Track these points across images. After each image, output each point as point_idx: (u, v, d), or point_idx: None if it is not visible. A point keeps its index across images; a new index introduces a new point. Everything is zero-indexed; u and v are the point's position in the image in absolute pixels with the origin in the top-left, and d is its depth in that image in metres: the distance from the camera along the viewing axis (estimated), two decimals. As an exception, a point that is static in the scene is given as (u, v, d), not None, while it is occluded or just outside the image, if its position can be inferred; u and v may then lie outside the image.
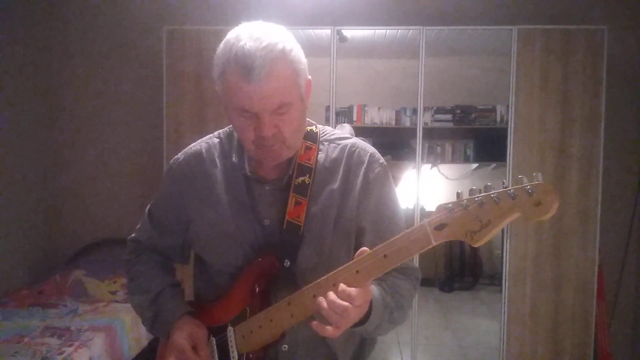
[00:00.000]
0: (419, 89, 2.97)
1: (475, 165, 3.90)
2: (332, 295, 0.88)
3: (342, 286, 0.88)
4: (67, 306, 2.86)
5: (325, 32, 2.99)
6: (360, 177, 1.08)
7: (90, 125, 3.54)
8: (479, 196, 0.80)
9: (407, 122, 3.64)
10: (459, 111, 3.60)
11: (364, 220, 1.08)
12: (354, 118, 3.63)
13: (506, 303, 2.91)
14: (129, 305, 3.09)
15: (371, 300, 0.94)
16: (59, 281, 3.08)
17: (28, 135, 3.31)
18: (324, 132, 1.14)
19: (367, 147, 1.13)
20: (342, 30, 3.08)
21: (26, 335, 2.44)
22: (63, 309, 2.82)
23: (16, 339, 2.39)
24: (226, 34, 0.98)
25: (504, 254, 2.92)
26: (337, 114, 3.24)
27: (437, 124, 3.59)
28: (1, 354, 2.24)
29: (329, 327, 0.89)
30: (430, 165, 3.96)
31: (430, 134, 3.66)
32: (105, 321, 2.66)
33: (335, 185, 1.07)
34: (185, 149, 1.20)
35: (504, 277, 2.92)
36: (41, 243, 3.45)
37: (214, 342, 1.09)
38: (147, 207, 1.25)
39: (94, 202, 3.55)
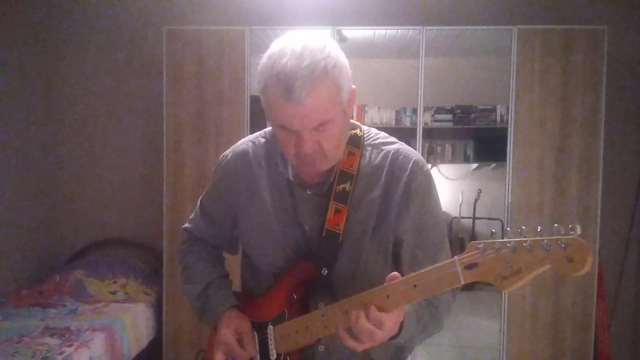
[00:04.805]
0: (419, 89, 2.97)
1: (475, 165, 3.90)
2: (362, 319, 0.90)
3: (373, 310, 0.90)
4: (67, 306, 2.86)
5: (325, 32, 2.99)
6: (402, 186, 1.05)
7: (90, 125, 3.54)
8: (511, 241, 0.78)
9: (407, 122, 3.63)
10: (459, 111, 3.59)
11: (402, 231, 1.06)
12: (354, 118, 3.63)
13: (506, 303, 2.91)
14: (129, 305, 3.13)
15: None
16: (59, 281, 3.09)
17: (28, 135, 3.31)
18: (368, 136, 1.12)
19: (411, 153, 1.09)
20: (342, 30, 3.08)
21: (26, 335, 2.44)
22: (63, 309, 2.82)
23: (16, 339, 2.39)
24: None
25: (504, 254, 2.92)
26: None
27: (437, 124, 3.59)
28: (1, 354, 2.24)
29: (353, 342, 0.93)
30: (430, 165, 3.96)
31: (430, 134, 3.66)
32: (105, 321, 2.66)
33: (376, 193, 1.06)
34: (233, 147, 1.21)
35: (504, 277, 2.91)
36: (41, 243, 3.45)
37: (256, 337, 1.14)
38: (199, 199, 1.29)
39: (94, 202, 3.55)
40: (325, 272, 1.05)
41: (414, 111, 3.28)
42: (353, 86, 1.00)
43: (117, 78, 3.51)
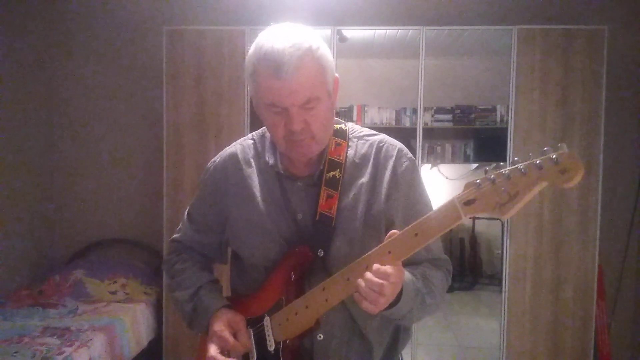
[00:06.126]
0: (419, 89, 2.97)
1: (475, 165, 3.90)
2: (369, 274, 0.92)
3: (377, 265, 0.92)
4: (67, 306, 2.87)
5: (325, 32, 2.99)
6: (389, 171, 1.11)
7: (90, 125, 3.54)
8: (505, 169, 0.82)
9: (407, 122, 3.63)
10: (459, 111, 3.59)
11: (393, 212, 1.10)
12: (354, 118, 3.63)
13: (506, 303, 2.91)
14: (129, 305, 3.13)
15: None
16: (59, 281, 3.09)
17: (28, 135, 3.31)
18: (353, 130, 1.19)
19: (395, 142, 1.17)
20: (342, 30, 3.09)
21: (26, 335, 2.44)
22: (63, 309, 2.82)
23: (16, 339, 2.39)
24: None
25: (504, 254, 2.92)
26: (337, 114, 3.23)
27: (437, 124, 3.59)
28: (1, 354, 2.24)
29: (366, 303, 0.93)
30: (430, 165, 3.95)
31: (430, 134, 3.66)
32: (105, 321, 2.66)
33: (365, 179, 1.11)
34: (221, 152, 1.25)
35: (504, 277, 2.92)
36: (41, 243, 3.45)
37: (251, 332, 1.13)
38: (187, 209, 1.30)
39: (94, 202, 3.55)
40: (321, 253, 1.07)
41: (414, 111, 3.28)
42: (336, 74, 1.06)
43: (117, 78, 3.51)
